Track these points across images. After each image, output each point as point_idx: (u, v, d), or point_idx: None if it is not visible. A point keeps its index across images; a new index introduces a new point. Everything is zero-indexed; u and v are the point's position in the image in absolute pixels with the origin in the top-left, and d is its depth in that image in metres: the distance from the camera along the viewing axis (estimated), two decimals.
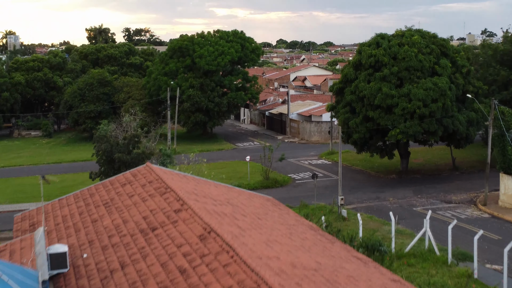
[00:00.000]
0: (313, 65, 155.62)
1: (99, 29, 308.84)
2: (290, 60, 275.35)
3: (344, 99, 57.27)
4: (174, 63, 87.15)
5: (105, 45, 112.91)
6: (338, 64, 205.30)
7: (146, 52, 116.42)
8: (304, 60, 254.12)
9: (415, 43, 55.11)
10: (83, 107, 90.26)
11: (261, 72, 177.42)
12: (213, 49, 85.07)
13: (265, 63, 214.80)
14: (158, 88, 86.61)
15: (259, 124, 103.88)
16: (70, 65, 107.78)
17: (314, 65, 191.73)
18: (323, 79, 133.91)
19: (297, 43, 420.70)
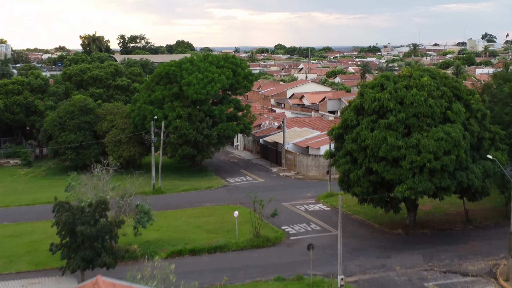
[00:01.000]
0: (311, 80, 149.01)
1: (92, 37, 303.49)
2: (288, 69, 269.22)
3: (344, 147, 50.81)
4: (160, 90, 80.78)
5: (90, 66, 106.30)
6: (336, 76, 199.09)
7: (133, 73, 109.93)
8: (302, 69, 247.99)
9: (425, 85, 48.73)
10: (63, 136, 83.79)
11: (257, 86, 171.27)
12: (202, 76, 78.69)
13: (261, 75, 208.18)
14: (143, 118, 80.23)
15: (253, 152, 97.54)
16: (52, 87, 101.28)
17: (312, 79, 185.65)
18: (321, 98, 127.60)
19: (295, 49, 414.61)
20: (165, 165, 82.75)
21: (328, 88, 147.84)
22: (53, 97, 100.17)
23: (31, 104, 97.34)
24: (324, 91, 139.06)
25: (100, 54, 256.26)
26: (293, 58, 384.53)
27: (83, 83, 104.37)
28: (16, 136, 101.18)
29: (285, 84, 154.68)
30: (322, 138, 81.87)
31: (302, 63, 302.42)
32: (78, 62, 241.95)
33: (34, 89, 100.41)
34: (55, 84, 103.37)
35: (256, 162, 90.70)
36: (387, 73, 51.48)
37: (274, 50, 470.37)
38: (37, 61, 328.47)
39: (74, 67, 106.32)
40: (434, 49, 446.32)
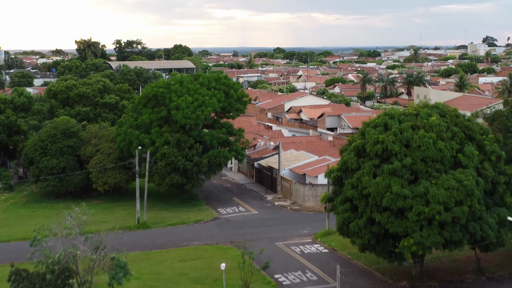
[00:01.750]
0: (310, 93, 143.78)
1: (87, 43, 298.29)
2: (287, 75, 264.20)
3: (344, 192, 45.69)
4: (147, 114, 75.65)
5: (77, 82, 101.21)
6: (336, 85, 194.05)
7: (122, 90, 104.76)
8: (301, 77, 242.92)
9: (433, 125, 43.61)
10: (45, 162, 78.70)
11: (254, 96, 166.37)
12: (192, 99, 73.58)
13: (259, 84, 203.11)
14: (129, 143, 75.15)
15: (247, 175, 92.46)
16: (36, 105, 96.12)
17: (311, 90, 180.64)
18: (319, 113, 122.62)
19: (294, 54, 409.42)
20: (153, 192, 77.80)
21: (327, 101, 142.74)
22: (37, 115, 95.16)
23: (13, 124, 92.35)
24: (323, 105, 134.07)
25: (95, 61, 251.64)
26: (292, 63, 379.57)
27: (69, 101, 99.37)
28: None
29: (282, 96, 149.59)
30: (320, 164, 76.78)
31: (301, 69, 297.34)
32: (73, 69, 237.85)
33: (18, 107, 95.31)
34: (40, 102, 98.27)
35: (250, 187, 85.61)
36: (392, 110, 46.24)
37: (273, 54, 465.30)
38: (32, 66, 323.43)
39: (60, 84, 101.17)
40: (435, 54, 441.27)
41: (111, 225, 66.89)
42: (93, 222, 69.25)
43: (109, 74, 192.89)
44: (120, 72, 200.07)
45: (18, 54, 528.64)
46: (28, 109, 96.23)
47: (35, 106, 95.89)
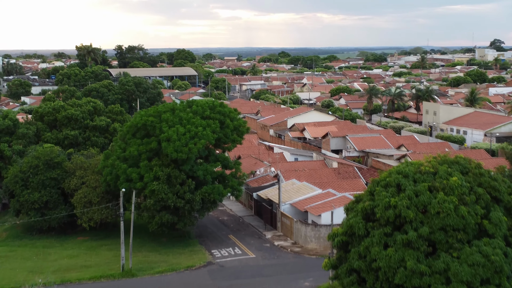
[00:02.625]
0: (314, 109, 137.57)
1: (87, 49, 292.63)
2: (291, 83, 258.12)
3: (350, 261, 39.49)
4: (136, 145, 69.45)
5: (65, 104, 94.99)
6: (341, 97, 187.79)
7: (114, 111, 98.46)
8: (306, 86, 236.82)
9: (454, 187, 37.34)
10: (26, 195, 72.73)
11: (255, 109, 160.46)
12: (184, 130, 67.37)
13: (262, 94, 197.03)
14: (116, 178, 69.09)
15: (246, 205, 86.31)
16: (21, 129, 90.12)
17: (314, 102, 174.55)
18: (324, 132, 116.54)
19: (299, 59, 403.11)
20: (142, 227, 71.80)
21: (332, 117, 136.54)
22: (22, 140, 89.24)
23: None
24: (328, 122, 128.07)
25: (95, 68, 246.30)
26: (297, 68, 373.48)
27: (56, 124, 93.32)
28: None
29: (286, 111, 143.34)
30: (323, 200, 70.60)
31: (306, 76, 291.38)
32: (71, 77, 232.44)
33: (1, 131, 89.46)
34: (25, 124, 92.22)
35: (248, 221, 79.43)
36: (405, 169, 39.82)
37: (277, 58, 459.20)
38: (32, 72, 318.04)
39: (48, 105, 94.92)
40: (442, 58, 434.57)
41: (93, 272, 61.25)
42: (75, 267, 63.58)
43: (107, 85, 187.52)
44: (119, 82, 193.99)
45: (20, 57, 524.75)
46: (13, 132, 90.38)
47: (20, 130, 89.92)
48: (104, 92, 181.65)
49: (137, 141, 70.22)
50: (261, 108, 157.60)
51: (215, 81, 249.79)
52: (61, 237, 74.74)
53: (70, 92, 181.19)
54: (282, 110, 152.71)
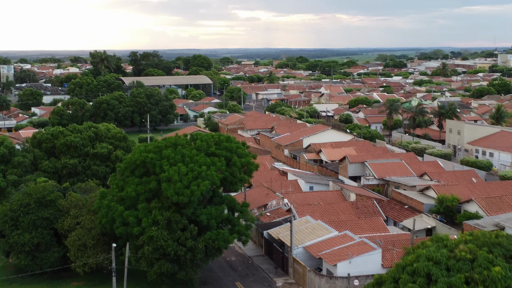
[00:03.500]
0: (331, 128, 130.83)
1: (101, 57, 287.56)
2: (309, 93, 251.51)
3: None
4: (134, 185, 63.28)
5: (64, 129, 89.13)
6: (360, 111, 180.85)
7: (116, 137, 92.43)
8: (323, 96, 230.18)
9: (497, 280, 30.72)
10: (15, 237, 66.85)
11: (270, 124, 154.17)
12: (186, 170, 61.11)
13: (278, 106, 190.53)
14: (112, 221, 63.02)
15: (256, 243, 79.87)
16: (17, 157, 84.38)
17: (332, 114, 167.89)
18: (341, 154, 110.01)
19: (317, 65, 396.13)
20: (140, 274, 65.53)
21: (350, 136, 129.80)
22: (18, 169, 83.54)
23: None
24: (345, 142, 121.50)
25: (107, 77, 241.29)
26: (314, 75, 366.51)
27: (55, 151, 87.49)
28: None
29: (301, 129, 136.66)
30: (340, 245, 64.03)
31: (324, 83, 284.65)
32: (84, 87, 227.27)
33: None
34: (22, 152, 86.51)
35: (258, 263, 73.02)
36: (437, 251, 33.24)
37: (295, 64, 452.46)
38: (45, 79, 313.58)
39: (47, 131, 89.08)
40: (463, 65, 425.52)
41: None
42: None
43: (118, 96, 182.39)
44: (130, 94, 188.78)
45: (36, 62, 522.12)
46: (8, 160, 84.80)
47: (16, 158, 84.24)
48: (115, 105, 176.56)
49: (135, 180, 64.07)
50: (276, 124, 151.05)
51: (231, 90, 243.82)
52: (54, 282, 68.76)
53: (79, 105, 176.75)
54: (298, 127, 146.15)
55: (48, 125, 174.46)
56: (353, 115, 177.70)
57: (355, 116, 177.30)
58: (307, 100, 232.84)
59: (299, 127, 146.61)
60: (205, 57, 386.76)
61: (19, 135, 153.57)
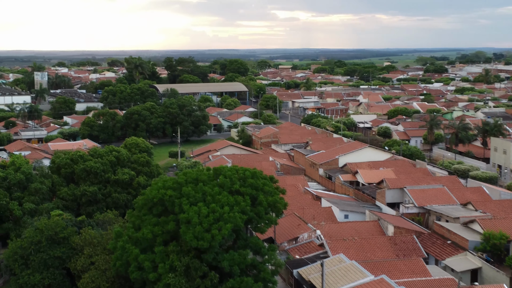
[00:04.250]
0: (368, 146, 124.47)
1: (135, 63, 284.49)
2: (346, 101, 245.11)
3: None
4: (150, 225, 58.09)
5: (85, 154, 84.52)
6: (399, 123, 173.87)
7: (139, 162, 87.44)
8: (361, 105, 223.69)
9: None
10: (26, 277, 62.32)
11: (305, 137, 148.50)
12: (207, 211, 55.76)
13: (314, 117, 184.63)
14: (127, 264, 57.98)
15: (286, 281, 74.19)
16: (35, 183, 79.92)
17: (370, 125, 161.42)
18: (379, 177, 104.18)
19: (355, 70, 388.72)
20: None
21: (388, 154, 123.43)
22: (35, 196, 79.09)
23: (4, 208, 76.64)
24: (383, 162, 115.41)
25: (141, 85, 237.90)
26: (353, 80, 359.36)
27: (74, 177, 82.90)
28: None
29: (337, 146, 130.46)
30: None
31: (362, 90, 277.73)
32: (117, 94, 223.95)
33: (13, 185, 79.55)
34: (40, 178, 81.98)
35: None
36: None
37: (333, 68, 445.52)
38: (80, 85, 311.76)
39: (65, 156, 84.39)
40: (507, 70, 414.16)
41: None
42: None
43: (150, 107, 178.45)
44: (163, 104, 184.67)
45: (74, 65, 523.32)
46: (25, 187, 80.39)
47: (33, 185, 79.76)
48: (147, 116, 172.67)
49: (152, 220, 58.86)
50: (311, 139, 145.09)
51: (266, 98, 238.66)
52: None
53: (110, 115, 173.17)
54: (334, 143, 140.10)
55: (78, 136, 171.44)
56: (392, 128, 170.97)
57: (394, 128, 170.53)
58: (344, 109, 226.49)
59: (335, 142, 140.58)
60: (242, 62, 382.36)
61: (48, 148, 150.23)
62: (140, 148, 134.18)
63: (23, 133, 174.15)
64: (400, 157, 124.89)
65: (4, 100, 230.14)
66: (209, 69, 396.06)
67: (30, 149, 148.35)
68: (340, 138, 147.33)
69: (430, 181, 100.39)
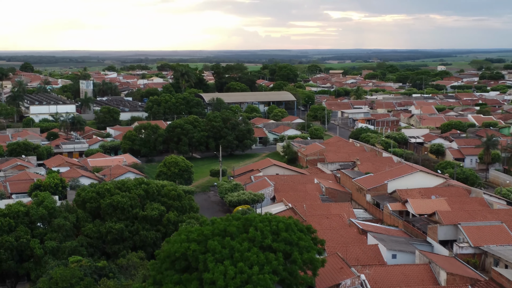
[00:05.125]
0: (419, 171, 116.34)
1: (181, 71, 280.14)
2: (397, 112, 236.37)
3: None
4: (172, 284, 52.13)
5: (112, 187, 78.96)
6: (453, 140, 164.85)
7: (170, 195, 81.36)
8: (413, 117, 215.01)
9: None
10: None
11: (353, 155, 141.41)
12: (234, 271, 49.55)
13: (362, 133, 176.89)
14: None
15: None
16: (58, 219, 74.71)
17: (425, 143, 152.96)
18: (431, 208, 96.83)
19: (408, 77, 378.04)
20: None
21: (441, 178, 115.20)
22: (58, 233, 73.83)
23: (25, 247, 71.58)
24: (436, 189, 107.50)
25: (186, 94, 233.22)
26: (405, 87, 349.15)
27: (100, 212, 77.45)
28: (9, 284, 75.44)
29: (386, 170, 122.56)
30: None
31: (414, 100, 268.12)
32: (161, 104, 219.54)
33: (34, 221, 74.54)
34: (64, 213, 76.73)
35: None
36: None
37: (385, 74, 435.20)
38: (127, 91, 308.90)
39: (91, 189, 78.99)
40: None
41: None
42: None
43: (193, 120, 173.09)
44: (206, 117, 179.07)
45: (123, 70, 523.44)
46: (48, 222, 75.23)
47: (56, 221, 74.53)
48: (189, 129, 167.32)
49: (174, 277, 52.87)
50: (359, 159, 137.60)
51: (314, 109, 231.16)
52: None
53: (152, 129, 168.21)
54: (383, 163, 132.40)
55: (119, 150, 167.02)
56: (445, 145, 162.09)
57: (447, 145, 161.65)
58: (395, 121, 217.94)
59: (385, 163, 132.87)
60: (292, 68, 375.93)
61: (87, 163, 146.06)
62: (180, 167, 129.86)
63: (64, 146, 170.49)
64: (454, 181, 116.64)
65: (49, 109, 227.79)
66: (258, 74, 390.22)
67: (69, 165, 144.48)
68: (390, 158, 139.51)
69: (487, 214, 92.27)
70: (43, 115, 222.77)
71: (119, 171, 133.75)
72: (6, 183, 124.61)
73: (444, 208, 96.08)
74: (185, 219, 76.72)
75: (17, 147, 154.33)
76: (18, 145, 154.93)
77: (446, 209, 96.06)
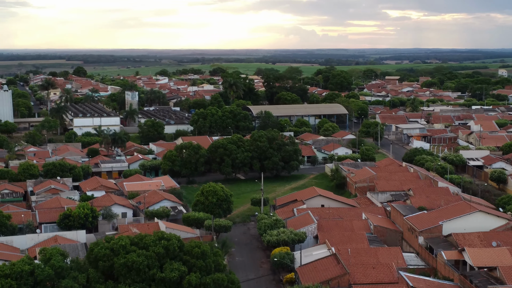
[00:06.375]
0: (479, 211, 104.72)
1: (229, 82, 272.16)
2: (455, 128, 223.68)
3: None
4: None
5: (127, 244, 70.29)
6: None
7: (193, 253, 71.45)
8: (472, 134, 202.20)
9: None
10: None
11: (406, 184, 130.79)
12: None
13: (417, 155, 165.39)
14: None
15: None
16: (66, 280, 66.53)
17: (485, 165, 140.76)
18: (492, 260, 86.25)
19: (467, 86, 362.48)
20: None
21: (503, 220, 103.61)
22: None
23: None
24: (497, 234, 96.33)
25: (234, 106, 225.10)
26: (464, 97, 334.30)
27: (113, 272, 68.95)
28: None
29: (441, 208, 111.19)
30: None
31: (474, 113, 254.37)
32: (207, 117, 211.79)
33: (39, 283, 66.49)
34: (73, 272, 68.52)
35: None
36: None
37: (443, 81, 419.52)
38: (176, 100, 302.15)
39: (105, 244, 70.59)
40: None
41: None
42: None
43: (237, 140, 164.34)
44: (251, 137, 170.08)
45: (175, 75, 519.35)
46: (54, 284, 67.12)
47: (64, 282, 66.42)
48: (233, 150, 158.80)
49: None
50: (412, 190, 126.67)
51: (366, 125, 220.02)
52: None
53: (193, 149, 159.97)
54: (438, 195, 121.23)
55: (159, 170, 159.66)
56: (508, 170, 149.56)
57: (510, 171, 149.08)
58: (453, 138, 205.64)
59: (440, 195, 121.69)
60: (346, 75, 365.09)
61: (123, 187, 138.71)
62: (218, 196, 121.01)
63: (103, 164, 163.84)
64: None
65: (93, 122, 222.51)
66: (311, 81, 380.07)
67: (105, 188, 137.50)
68: (446, 189, 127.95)
69: None
70: (87, 127, 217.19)
71: (155, 198, 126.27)
72: (36, 211, 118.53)
73: (507, 261, 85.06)
74: (209, 282, 67.71)
75: (53, 168, 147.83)
76: (53, 166, 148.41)
77: (509, 261, 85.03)
